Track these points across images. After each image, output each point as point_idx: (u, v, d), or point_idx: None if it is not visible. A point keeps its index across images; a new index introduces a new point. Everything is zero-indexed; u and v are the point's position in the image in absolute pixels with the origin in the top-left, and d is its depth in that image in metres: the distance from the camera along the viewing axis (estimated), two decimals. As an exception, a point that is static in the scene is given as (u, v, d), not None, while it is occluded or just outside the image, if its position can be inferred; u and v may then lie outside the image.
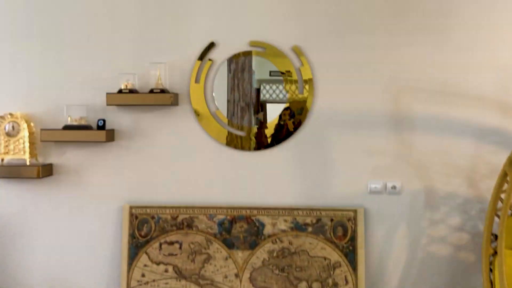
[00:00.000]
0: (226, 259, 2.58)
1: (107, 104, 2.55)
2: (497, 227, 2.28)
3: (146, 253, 2.60)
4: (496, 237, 2.26)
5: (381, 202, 2.56)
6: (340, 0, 2.50)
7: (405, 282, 2.56)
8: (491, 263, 2.18)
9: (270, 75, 2.62)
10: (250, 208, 2.60)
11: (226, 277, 2.57)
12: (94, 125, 2.59)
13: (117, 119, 2.65)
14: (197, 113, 2.61)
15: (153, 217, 2.62)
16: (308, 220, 2.57)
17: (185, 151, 2.64)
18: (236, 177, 2.64)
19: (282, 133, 2.59)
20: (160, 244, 2.60)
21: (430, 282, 2.54)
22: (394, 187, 2.55)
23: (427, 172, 2.53)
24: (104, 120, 2.57)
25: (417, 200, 2.54)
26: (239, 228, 2.60)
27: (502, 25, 2.43)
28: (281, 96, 2.61)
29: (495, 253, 2.20)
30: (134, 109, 2.63)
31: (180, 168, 2.65)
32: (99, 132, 2.55)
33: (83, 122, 2.58)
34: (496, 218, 2.27)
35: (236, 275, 2.57)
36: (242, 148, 2.62)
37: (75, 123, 2.57)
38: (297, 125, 2.58)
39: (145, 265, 2.60)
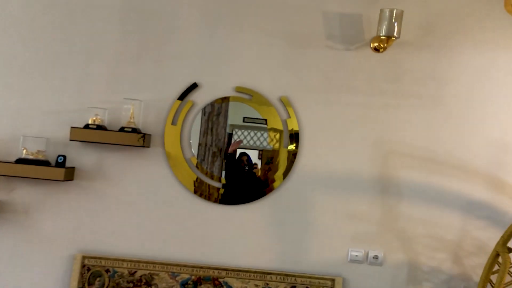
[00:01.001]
0: (186, 325, 2.29)
1: (71, 139, 2.29)
2: (484, 311, 2.13)
3: (95, 313, 2.28)
4: (484, 323, 2.09)
5: (362, 272, 2.37)
6: (334, 56, 2.38)
7: None
8: None
9: (243, 121, 2.45)
10: (218, 269, 2.35)
11: None
12: (53, 161, 2.31)
13: (80, 156, 2.38)
14: (169, 157, 2.38)
15: (108, 271, 2.32)
16: (282, 287, 2.34)
17: (151, 198, 2.39)
18: (205, 232, 2.39)
19: (255, 184, 2.38)
20: (113, 303, 2.29)
21: None
22: (376, 257, 2.37)
23: (412, 244, 2.37)
24: (64, 157, 2.30)
25: (399, 272, 2.36)
26: (204, 290, 2.33)
27: (496, 99, 2.36)
28: (254, 143, 2.42)
29: None
30: (100, 147, 2.38)
31: (143, 217, 2.38)
32: (57, 170, 2.27)
33: (40, 157, 2.30)
34: (484, 302, 2.11)
35: None
36: (210, 199, 2.39)
37: (31, 157, 2.29)
38: (271, 174, 2.38)
39: (92, 327, 2.27)
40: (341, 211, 2.38)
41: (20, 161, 2.27)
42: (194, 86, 2.40)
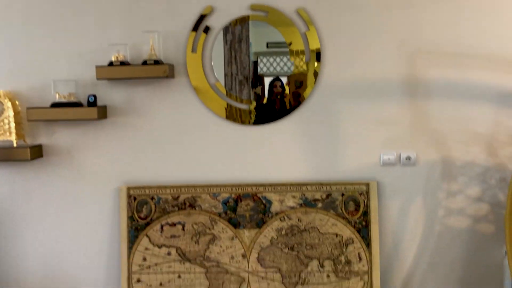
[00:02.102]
0: (232, 239, 2.44)
1: (97, 78, 2.35)
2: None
3: (147, 236, 2.45)
4: (520, 207, 2.12)
5: (395, 174, 2.41)
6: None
7: (421, 257, 2.43)
8: (515, 235, 2.05)
9: (267, 47, 2.43)
10: (255, 185, 2.45)
11: (232, 258, 2.44)
12: (85, 102, 2.40)
13: (109, 94, 2.45)
14: (195, 86, 2.42)
15: (152, 198, 2.46)
16: (318, 196, 2.42)
17: (184, 127, 2.46)
18: (239, 153, 2.47)
19: (286, 105, 2.41)
20: (162, 226, 2.45)
21: (448, 256, 2.42)
22: (408, 158, 2.39)
23: (444, 141, 2.37)
24: (95, 96, 2.38)
25: (433, 171, 2.39)
26: (245, 207, 2.45)
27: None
28: (281, 69, 2.42)
29: (520, 224, 2.06)
30: (126, 83, 2.44)
31: (179, 145, 2.47)
32: (90, 109, 2.35)
33: (72, 99, 2.38)
34: (520, 187, 2.12)
35: (243, 256, 2.43)
36: (243, 122, 2.45)
37: (63, 100, 2.38)
38: (301, 96, 2.40)
39: (146, 249, 2.45)
40: (370, 118, 2.39)
41: (55, 105, 2.36)
42: (209, 11, 2.37)
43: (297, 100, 2.41)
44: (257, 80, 2.45)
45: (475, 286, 2.42)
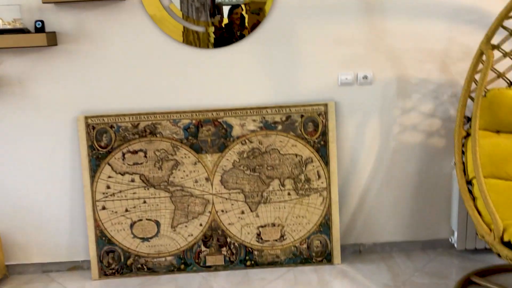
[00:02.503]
0: (195, 164, 2.47)
1: (43, 2, 2.22)
2: (469, 109, 2.25)
3: (109, 164, 2.45)
4: (468, 119, 2.22)
5: (352, 94, 2.46)
6: None
7: (377, 172, 2.55)
8: (463, 145, 2.17)
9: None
10: (216, 110, 2.45)
11: (196, 181, 2.48)
12: (32, 28, 2.28)
13: (58, 20, 2.33)
14: (148, 8, 2.33)
15: (112, 126, 2.44)
16: (278, 118, 2.46)
17: (139, 53, 2.40)
18: (198, 78, 2.44)
19: (245, 25, 2.37)
20: (123, 154, 2.45)
21: (402, 170, 2.54)
22: (365, 77, 2.43)
23: (399, 59, 2.41)
24: (42, 22, 2.26)
25: (389, 89, 2.45)
26: (206, 132, 2.46)
27: None
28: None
29: (468, 135, 2.17)
30: (74, 7, 2.31)
31: (136, 72, 2.42)
32: (38, 36, 2.24)
33: (18, 25, 2.26)
34: (469, 101, 2.22)
35: (207, 179, 2.49)
36: (201, 46, 2.40)
37: (8, 27, 2.25)
38: (259, 15, 2.35)
39: (109, 177, 2.46)
40: (327, 38, 2.39)
41: (0, 32, 2.24)
42: None
43: (256, 22, 2.37)
44: (215, 9, 2.37)
45: (427, 195, 2.58)
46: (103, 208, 2.48)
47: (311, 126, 2.47)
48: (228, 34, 2.38)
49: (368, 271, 2.44)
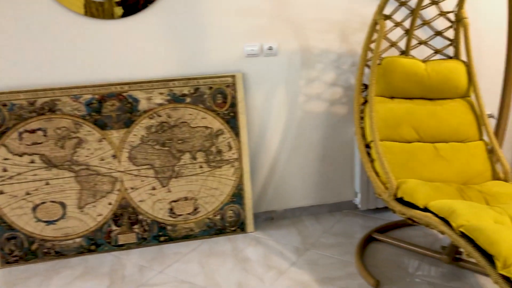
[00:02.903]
0: (100, 141, 2.38)
1: None
2: (367, 77, 2.38)
3: (4, 146, 2.28)
4: (366, 86, 2.35)
5: (259, 65, 2.49)
6: None
7: (285, 141, 2.63)
8: (362, 111, 2.29)
9: None
10: (120, 84, 2.36)
11: (102, 159, 2.39)
12: None
13: None
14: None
15: (4, 105, 2.25)
16: (186, 91, 2.42)
17: (35, 26, 2.22)
18: (100, 51, 2.32)
19: (146, -5, 2.28)
20: (20, 134, 2.28)
21: (308, 138, 2.64)
22: (270, 48, 2.47)
23: (302, 30, 2.47)
24: None
25: (293, 59, 2.51)
26: (110, 107, 2.37)
27: None
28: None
29: (365, 102, 2.30)
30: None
31: (32, 46, 2.24)
32: None
33: None
34: (366, 69, 2.34)
35: (114, 156, 2.40)
36: (105, 17, 2.27)
37: None
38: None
39: (5, 159, 2.29)
40: (232, 9, 2.38)
41: None
42: None
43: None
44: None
45: (332, 161, 2.71)
46: (1, 192, 2.31)
47: (220, 98, 2.47)
48: (133, 3, 2.28)
49: (279, 236, 2.54)
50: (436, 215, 1.79)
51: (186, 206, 2.52)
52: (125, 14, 2.30)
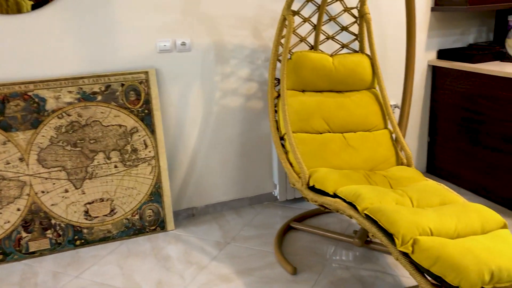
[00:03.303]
0: (5, 143, 2.24)
1: None
2: (279, 72, 2.44)
3: None
4: (279, 81, 2.41)
5: (173, 60, 2.47)
6: None
7: (203, 137, 2.63)
8: (275, 105, 2.35)
9: None
10: (24, 83, 2.23)
11: (8, 163, 2.25)
12: None
13: None
14: None
15: None
16: (96, 88, 2.35)
17: None
18: (2, 49, 2.18)
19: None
20: None
21: (226, 133, 2.67)
22: (184, 44, 2.46)
23: (215, 26, 2.48)
24: None
25: (207, 55, 2.52)
26: (15, 107, 2.23)
27: None
28: None
29: (279, 95, 2.37)
30: None
31: None
32: None
33: None
34: (278, 63, 2.40)
35: (21, 159, 2.27)
36: (9, 12, 2.14)
37: None
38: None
39: None
40: (144, 4, 2.33)
41: None
42: None
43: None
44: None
45: (251, 154, 2.76)
46: None
47: (133, 95, 2.42)
48: (29, -2, 2.17)
49: (201, 232, 2.54)
50: (344, 200, 1.89)
51: (102, 207, 2.44)
52: (35, 7, 2.17)
